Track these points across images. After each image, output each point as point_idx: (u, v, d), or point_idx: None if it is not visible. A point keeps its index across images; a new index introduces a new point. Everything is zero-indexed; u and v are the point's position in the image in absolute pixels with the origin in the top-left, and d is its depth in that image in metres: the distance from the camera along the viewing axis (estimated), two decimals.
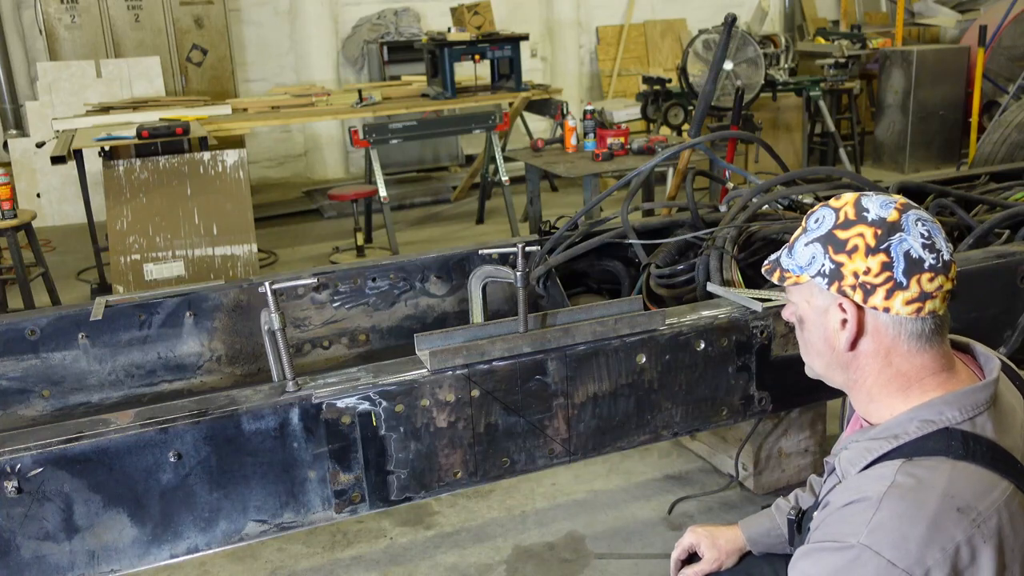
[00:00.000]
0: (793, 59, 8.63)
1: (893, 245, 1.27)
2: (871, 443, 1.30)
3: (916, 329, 1.29)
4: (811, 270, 1.34)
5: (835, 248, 1.31)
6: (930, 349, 1.31)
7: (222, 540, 1.96)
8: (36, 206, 7.65)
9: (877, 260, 1.27)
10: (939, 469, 1.21)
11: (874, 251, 1.27)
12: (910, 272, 1.26)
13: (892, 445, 1.27)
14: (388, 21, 9.31)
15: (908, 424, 1.28)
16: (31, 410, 2.61)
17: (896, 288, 1.27)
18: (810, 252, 1.34)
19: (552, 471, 3.31)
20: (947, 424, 1.26)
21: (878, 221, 1.29)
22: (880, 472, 1.24)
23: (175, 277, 5.17)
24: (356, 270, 2.92)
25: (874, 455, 1.28)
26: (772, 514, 1.81)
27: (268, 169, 9.55)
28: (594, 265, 3.13)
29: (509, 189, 6.72)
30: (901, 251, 1.27)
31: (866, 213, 1.30)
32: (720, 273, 2.57)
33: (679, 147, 3.21)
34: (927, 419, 1.27)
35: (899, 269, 1.27)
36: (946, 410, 1.27)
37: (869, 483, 1.24)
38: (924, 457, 1.23)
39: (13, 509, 1.78)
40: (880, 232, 1.28)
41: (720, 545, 1.79)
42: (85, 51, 8.02)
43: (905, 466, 1.22)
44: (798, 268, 1.36)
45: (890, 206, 1.30)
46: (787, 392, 2.45)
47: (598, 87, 10.70)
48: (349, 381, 2.02)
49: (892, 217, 1.29)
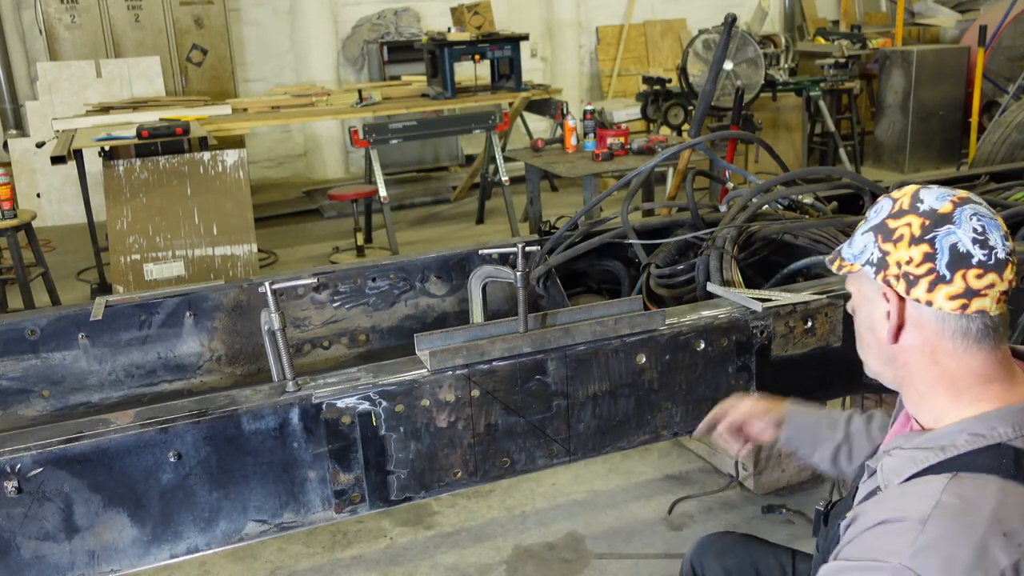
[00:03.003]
0: (793, 59, 8.63)
1: (939, 236, 1.23)
2: (916, 453, 1.25)
3: (961, 327, 1.25)
4: (862, 258, 1.32)
5: (884, 237, 1.29)
6: (980, 352, 1.26)
7: (222, 540, 1.96)
8: (36, 206, 7.65)
9: (919, 250, 1.24)
10: (987, 489, 1.17)
11: (917, 241, 1.24)
12: (955, 266, 1.22)
13: (939, 458, 1.22)
14: (388, 21, 9.31)
15: (957, 436, 1.23)
16: (31, 410, 2.61)
17: (939, 281, 1.23)
18: (863, 241, 1.33)
19: (552, 471, 3.32)
20: (999, 440, 1.21)
21: (928, 212, 1.25)
22: (925, 489, 1.19)
23: (175, 277, 5.17)
24: (356, 270, 2.91)
25: (919, 467, 1.23)
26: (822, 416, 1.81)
27: (268, 169, 9.55)
28: (594, 265, 3.13)
29: (509, 189, 6.72)
30: (947, 243, 1.23)
31: (919, 204, 1.27)
32: (720, 273, 2.57)
33: (679, 147, 3.21)
34: (977, 433, 1.23)
35: (942, 262, 1.23)
36: (999, 425, 1.22)
37: (913, 500, 1.19)
38: (972, 474, 1.19)
39: (13, 509, 1.78)
40: (928, 222, 1.25)
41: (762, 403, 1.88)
42: (85, 51, 8.02)
43: (952, 484, 1.18)
44: (852, 257, 1.35)
45: (947, 198, 1.27)
46: (787, 392, 2.43)
47: (598, 87, 10.70)
48: (349, 381, 2.01)
49: (944, 209, 1.25)
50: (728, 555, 1.85)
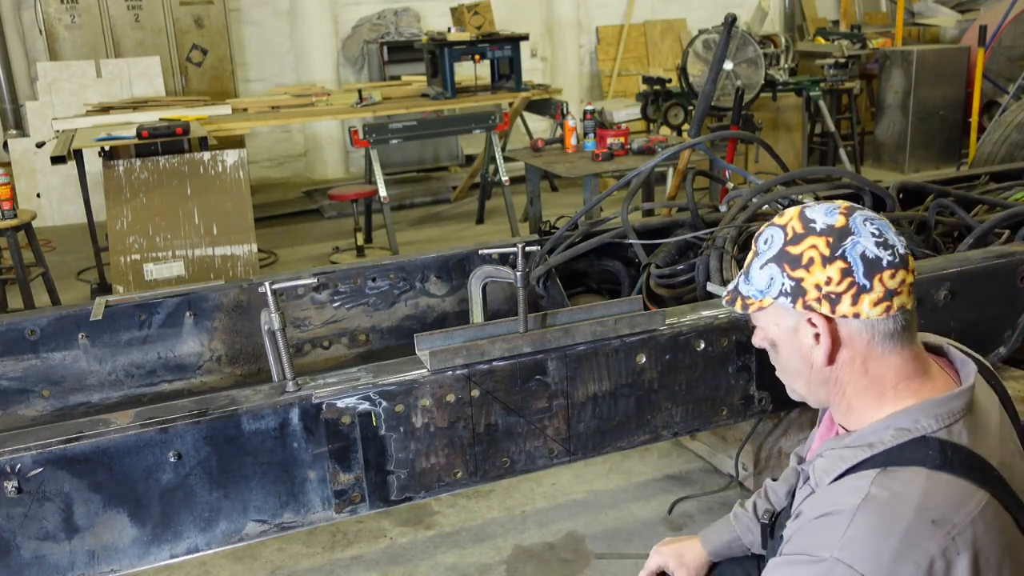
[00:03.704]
0: (793, 59, 8.63)
1: (847, 249, 1.25)
2: (845, 451, 1.28)
3: (888, 328, 1.28)
4: (772, 291, 1.32)
5: (791, 264, 1.29)
6: (903, 349, 1.29)
7: (222, 540, 1.96)
8: (36, 206, 7.65)
9: (835, 268, 1.26)
10: (914, 481, 1.19)
11: (830, 259, 1.26)
12: (870, 273, 1.25)
13: (867, 454, 1.25)
14: (388, 21, 9.31)
15: (883, 432, 1.26)
16: (31, 410, 2.61)
17: (861, 292, 1.25)
18: (767, 274, 1.32)
19: (552, 471, 3.31)
20: (923, 432, 1.24)
21: (827, 229, 1.27)
22: (854, 483, 1.23)
23: (175, 277, 5.17)
24: (356, 270, 2.92)
25: (848, 464, 1.26)
26: (731, 524, 1.77)
27: (268, 169, 9.55)
28: (594, 265, 3.13)
29: (509, 189, 6.72)
30: (856, 253, 1.25)
31: (813, 224, 1.29)
32: (720, 273, 2.57)
33: (679, 147, 3.21)
34: (902, 427, 1.26)
35: (859, 272, 1.25)
36: (922, 418, 1.25)
37: (843, 495, 1.22)
38: (900, 467, 1.22)
39: (13, 509, 1.78)
40: (832, 239, 1.26)
41: (688, 562, 1.77)
42: (85, 51, 8.02)
43: (880, 477, 1.21)
44: (758, 293, 1.34)
45: (835, 212, 1.29)
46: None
47: (598, 87, 10.70)
48: (349, 381, 2.02)
49: (839, 223, 1.27)
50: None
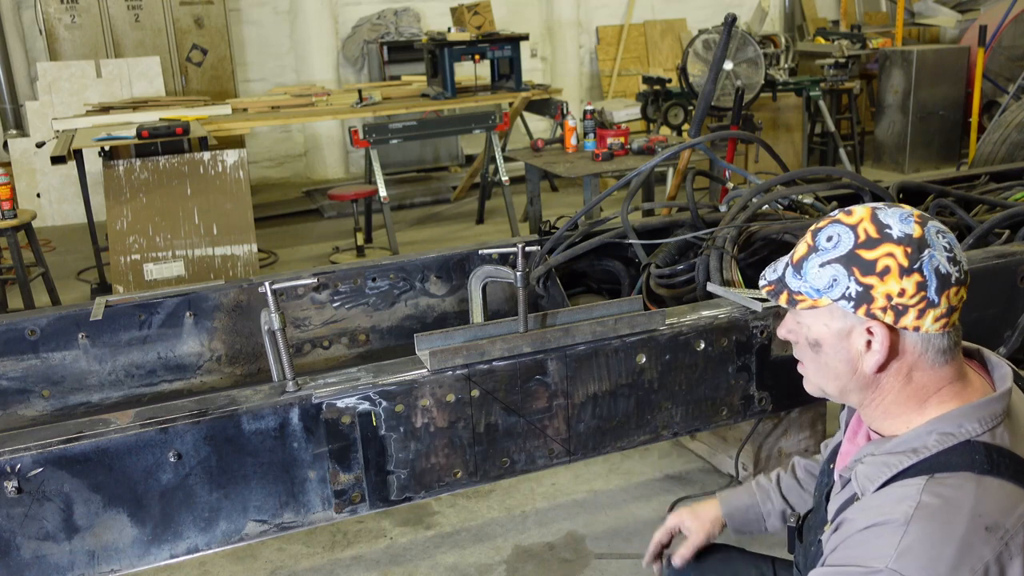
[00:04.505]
0: (793, 59, 8.63)
1: (924, 263, 1.22)
2: (889, 458, 1.25)
3: (941, 344, 1.26)
4: (833, 293, 1.26)
5: (861, 269, 1.24)
6: (951, 361, 1.27)
7: (222, 540, 1.96)
8: (36, 206, 7.66)
9: (912, 281, 1.22)
10: (965, 487, 1.18)
11: (908, 271, 1.22)
12: (941, 289, 1.22)
13: (912, 460, 1.23)
14: (388, 21, 9.31)
15: (927, 437, 1.24)
16: (31, 410, 2.61)
17: (928, 306, 1.23)
18: (829, 273, 1.27)
19: (552, 471, 3.32)
20: (967, 437, 1.22)
21: (905, 238, 1.23)
22: (903, 491, 1.20)
23: (175, 277, 5.17)
24: (356, 270, 2.92)
25: (894, 471, 1.24)
26: (752, 489, 1.79)
27: (268, 169, 9.55)
28: (594, 265, 3.13)
29: (509, 189, 6.72)
30: (932, 268, 1.22)
31: (888, 230, 1.24)
32: (720, 273, 2.57)
33: (679, 147, 3.21)
34: (946, 432, 1.23)
35: (932, 288, 1.22)
36: (965, 423, 1.23)
37: (893, 504, 1.19)
38: (948, 473, 1.19)
39: (13, 509, 1.78)
40: (910, 250, 1.22)
41: (702, 516, 1.79)
42: (85, 51, 8.02)
43: (930, 484, 1.18)
44: (815, 291, 1.28)
45: (910, 220, 1.25)
46: (787, 392, 2.45)
47: (598, 87, 10.70)
48: (349, 381, 2.02)
49: (916, 232, 1.23)
50: (707, 572, 1.82)
